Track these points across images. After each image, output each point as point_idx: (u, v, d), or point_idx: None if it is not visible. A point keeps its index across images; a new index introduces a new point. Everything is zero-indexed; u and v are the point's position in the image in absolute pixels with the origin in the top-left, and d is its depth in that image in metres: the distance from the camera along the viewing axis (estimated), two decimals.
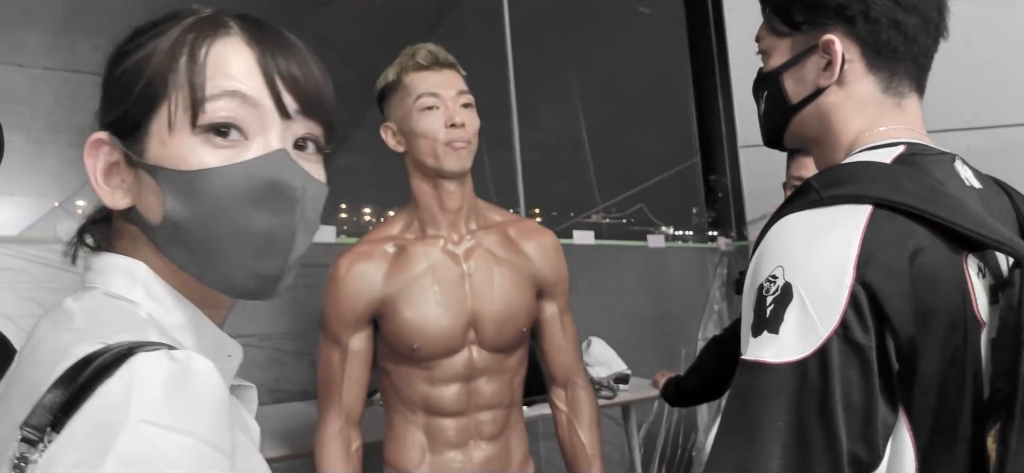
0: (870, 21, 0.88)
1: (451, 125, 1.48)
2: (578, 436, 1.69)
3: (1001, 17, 2.44)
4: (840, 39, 0.90)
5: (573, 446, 1.70)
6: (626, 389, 2.49)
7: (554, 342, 1.66)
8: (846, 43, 0.90)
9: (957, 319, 0.76)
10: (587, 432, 1.68)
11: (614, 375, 2.50)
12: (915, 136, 0.90)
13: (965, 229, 0.77)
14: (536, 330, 1.67)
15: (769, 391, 0.75)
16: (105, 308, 0.65)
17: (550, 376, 1.70)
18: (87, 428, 0.53)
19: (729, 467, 0.76)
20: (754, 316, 0.79)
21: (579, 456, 1.68)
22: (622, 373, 2.52)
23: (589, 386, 1.71)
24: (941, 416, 0.76)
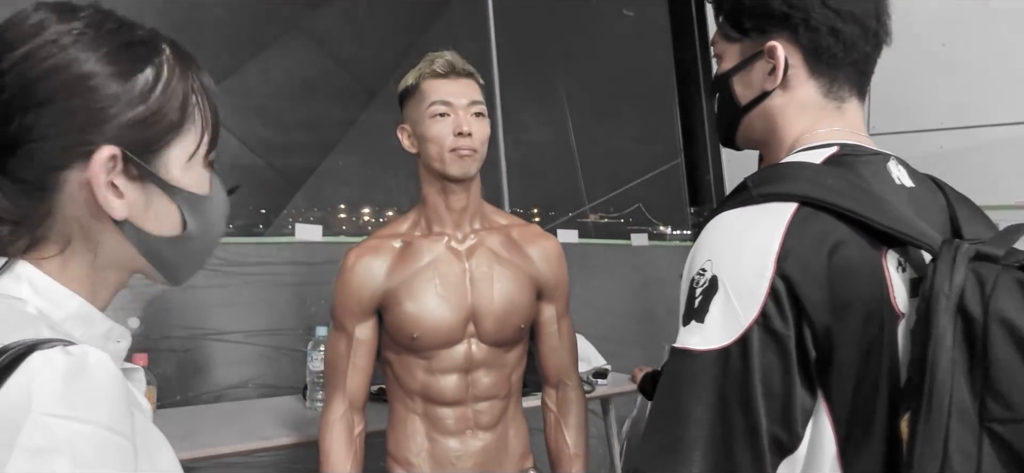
0: (811, 29, 0.93)
1: (459, 133, 1.54)
2: (564, 436, 1.75)
3: (976, 18, 2.49)
4: (783, 45, 0.95)
5: (558, 445, 1.75)
6: (605, 383, 2.55)
7: (550, 344, 1.73)
8: (789, 49, 0.95)
9: (874, 311, 0.80)
10: (573, 433, 1.74)
11: (593, 370, 2.55)
12: (852, 138, 0.95)
13: (882, 226, 0.82)
14: (537, 334, 1.73)
15: (695, 376, 0.80)
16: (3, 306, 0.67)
17: (544, 376, 1.77)
18: None
19: (658, 446, 0.81)
20: (684, 307, 0.84)
21: (562, 455, 1.74)
22: (601, 368, 2.58)
23: (580, 389, 1.77)
24: (859, 402, 0.81)
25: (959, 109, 2.53)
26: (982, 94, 2.49)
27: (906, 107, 2.66)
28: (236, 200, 2.54)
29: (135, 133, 0.71)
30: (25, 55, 0.68)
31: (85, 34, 0.70)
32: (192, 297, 2.35)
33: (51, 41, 0.68)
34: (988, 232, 0.95)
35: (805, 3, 0.93)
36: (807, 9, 0.93)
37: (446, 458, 1.62)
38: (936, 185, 0.99)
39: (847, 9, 0.93)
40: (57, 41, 0.68)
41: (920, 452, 0.74)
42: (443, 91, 1.57)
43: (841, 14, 0.93)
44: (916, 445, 0.75)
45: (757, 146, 1.03)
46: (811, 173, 0.87)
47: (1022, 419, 0.73)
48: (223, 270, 2.43)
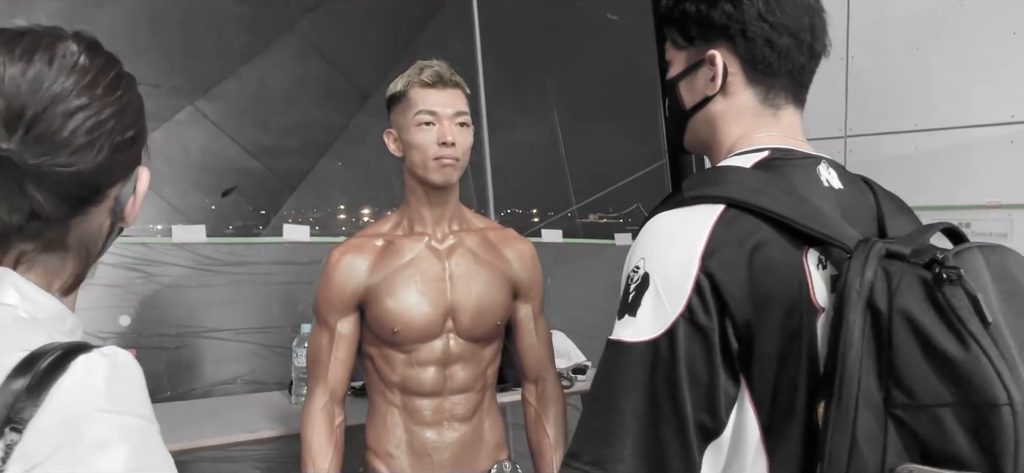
0: (747, 40, 0.99)
1: (442, 143, 1.61)
2: (544, 428, 1.82)
3: (950, 22, 2.54)
4: (723, 54, 1.00)
5: (539, 437, 1.82)
6: (584, 379, 2.60)
7: (528, 341, 1.80)
8: (728, 58, 1.00)
9: (793, 305, 0.85)
10: (553, 426, 1.80)
11: (573, 366, 2.61)
12: (787, 143, 1.00)
13: (802, 226, 0.87)
14: (511, 329, 1.80)
15: (627, 366, 0.85)
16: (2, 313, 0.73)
17: (523, 372, 1.84)
18: (51, 425, 0.63)
19: (592, 432, 0.87)
20: (620, 302, 0.90)
21: (544, 446, 1.81)
22: (581, 364, 2.64)
23: (558, 384, 1.84)
24: (780, 390, 0.86)
25: (933, 110, 2.59)
26: (956, 96, 2.54)
27: (882, 109, 2.71)
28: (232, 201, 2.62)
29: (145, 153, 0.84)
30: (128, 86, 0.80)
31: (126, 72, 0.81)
32: (182, 296, 2.41)
33: (130, 77, 0.81)
34: (912, 229, 1.00)
35: (743, 15, 0.98)
36: (745, 21, 0.98)
37: (424, 449, 1.68)
38: (867, 186, 1.04)
39: (782, 23, 0.98)
40: (130, 78, 0.81)
41: (832, 438, 0.80)
42: (430, 101, 1.63)
43: (776, 27, 0.98)
44: (829, 430, 0.80)
45: (702, 149, 1.07)
46: (738, 176, 0.93)
47: (922, 406, 0.78)
48: (213, 269, 2.49)
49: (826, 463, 0.80)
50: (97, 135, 0.75)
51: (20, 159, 0.71)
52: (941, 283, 0.78)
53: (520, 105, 3.54)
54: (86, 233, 0.80)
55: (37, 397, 0.64)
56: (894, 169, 2.68)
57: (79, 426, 0.64)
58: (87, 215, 0.78)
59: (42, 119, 0.72)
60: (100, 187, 0.78)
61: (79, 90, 0.75)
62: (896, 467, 0.78)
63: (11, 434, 0.63)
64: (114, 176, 0.79)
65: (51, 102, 0.73)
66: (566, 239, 3.23)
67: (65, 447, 0.63)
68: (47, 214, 0.74)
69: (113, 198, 0.80)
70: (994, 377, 0.75)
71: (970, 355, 0.76)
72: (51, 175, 0.73)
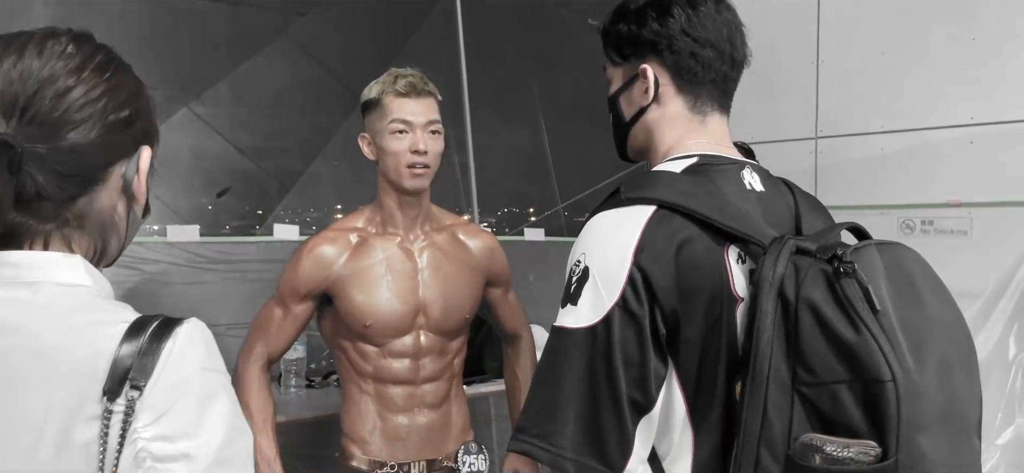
0: (674, 53, 1.10)
1: (415, 151, 1.71)
2: (515, 372, 2.00)
3: (914, 28, 2.64)
4: (654, 67, 1.11)
5: (511, 380, 2.02)
6: None
7: (504, 312, 1.98)
8: (659, 70, 1.11)
9: (715, 296, 0.96)
10: (523, 371, 1.99)
11: None
12: (715, 149, 1.11)
13: (724, 225, 0.98)
14: (490, 309, 1.96)
15: (569, 349, 0.96)
16: (75, 295, 0.81)
17: (505, 336, 2.03)
18: (171, 382, 0.76)
19: (537, 409, 0.97)
20: (563, 292, 1.00)
21: (515, 387, 2.00)
22: None
23: (531, 339, 2.03)
24: (703, 371, 0.97)
25: (898, 113, 2.70)
26: (919, 99, 2.65)
27: (849, 112, 2.82)
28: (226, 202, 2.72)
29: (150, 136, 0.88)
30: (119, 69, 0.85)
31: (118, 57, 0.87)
32: (174, 292, 2.51)
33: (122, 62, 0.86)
34: (824, 226, 1.10)
35: (669, 31, 1.09)
36: (671, 36, 1.10)
37: (396, 434, 1.79)
38: (787, 187, 1.14)
39: (704, 37, 1.10)
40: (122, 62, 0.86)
41: (747, 411, 0.91)
42: (404, 110, 1.72)
43: (699, 41, 1.10)
44: (744, 405, 0.91)
45: (641, 156, 1.18)
46: (668, 180, 1.03)
47: (821, 383, 0.88)
48: (204, 267, 2.59)
49: (742, 433, 0.91)
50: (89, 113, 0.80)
51: (16, 142, 0.76)
52: (839, 276, 0.89)
53: (505, 108, 3.63)
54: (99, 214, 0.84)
55: (152, 359, 0.76)
56: (861, 169, 2.79)
57: (191, 382, 0.77)
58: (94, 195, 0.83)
59: (33, 103, 0.78)
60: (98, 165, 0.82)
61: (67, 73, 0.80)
62: (800, 436, 0.89)
63: (131, 391, 0.75)
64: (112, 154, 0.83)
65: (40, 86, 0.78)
66: (548, 237, 3.34)
67: (183, 398, 0.76)
68: (49, 193, 0.79)
69: (118, 177, 0.84)
70: (881, 358, 0.86)
71: (861, 339, 0.87)
72: (47, 155, 0.78)
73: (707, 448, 1.00)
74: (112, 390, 0.75)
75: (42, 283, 0.80)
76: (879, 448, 0.86)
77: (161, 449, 0.75)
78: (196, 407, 0.77)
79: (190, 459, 0.75)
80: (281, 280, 1.79)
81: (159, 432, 0.75)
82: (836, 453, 0.86)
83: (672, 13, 1.10)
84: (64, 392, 0.75)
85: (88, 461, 0.75)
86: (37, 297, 0.79)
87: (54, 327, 0.78)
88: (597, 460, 0.94)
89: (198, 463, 0.76)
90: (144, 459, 0.75)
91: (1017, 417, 2.35)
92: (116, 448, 0.74)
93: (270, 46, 3.21)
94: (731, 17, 1.13)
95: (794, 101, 2.91)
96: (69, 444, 0.75)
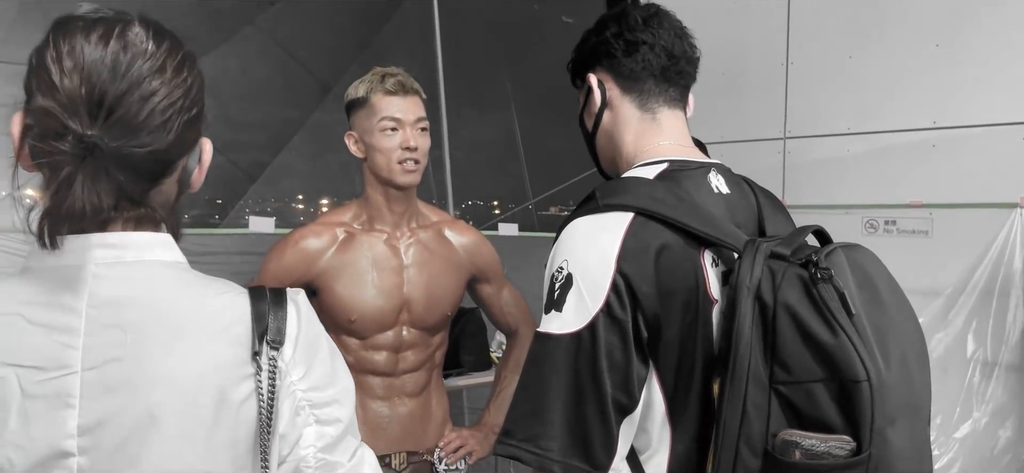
0: (611, 56, 1.18)
1: (406, 148, 1.73)
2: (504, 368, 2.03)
3: (881, 33, 2.71)
4: (599, 75, 1.19)
5: (497, 377, 2.05)
6: None
7: (499, 309, 1.99)
8: (603, 76, 1.19)
9: (692, 298, 1.00)
10: (510, 371, 2.00)
11: None
12: (680, 153, 1.15)
13: (699, 231, 1.02)
14: (484, 305, 1.99)
15: (554, 354, 0.99)
16: (179, 271, 0.87)
17: (505, 331, 2.05)
18: (306, 341, 0.88)
19: (524, 412, 1.00)
20: (546, 298, 1.03)
21: (498, 382, 2.03)
22: None
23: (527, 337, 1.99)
24: (681, 370, 1.01)
25: (865, 116, 2.77)
26: (884, 102, 2.72)
27: (818, 114, 2.89)
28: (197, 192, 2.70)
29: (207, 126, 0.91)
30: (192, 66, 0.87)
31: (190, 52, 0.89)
32: None
33: (193, 56, 0.88)
34: (786, 226, 1.16)
35: (604, 39, 1.18)
36: (607, 43, 1.18)
37: (378, 423, 1.82)
38: (749, 187, 1.19)
39: (638, 37, 1.17)
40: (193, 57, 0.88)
41: (727, 408, 0.94)
42: (393, 108, 1.74)
43: (633, 42, 1.17)
44: (724, 402, 0.95)
45: (612, 165, 1.22)
46: (644, 188, 1.07)
47: (798, 382, 0.92)
48: None
49: (721, 429, 0.95)
50: (169, 115, 0.82)
51: (103, 144, 0.77)
52: (816, 282, 0.93)
53: (479, 103, 3.65)
54: (165, 200, 0.88)
55: (282, 323, 0.87)
56: (828, 169, 2.86)
57: (321, 340, 0.91)
58: (161, 186, 0.87)
59: (121, 104, 0.79)
60: (172, 162, 0.86)
61: (152, 74, 0.81)
62: (778, 432, 0.93)
63: (271, 350, 0.85)
64: (182, 150, 0.87)
65: (128, 88, 0.79)
66: (521, 232, 3.37)
67: (319, 354, 0.90)
68: (130, 193, 0.82)
69: (181, 168, 0.88)
70: (856, 358, 0.90)
71: (838, 341, 0.91)
72: (131, 156, 0.80)
73: (684, 443, 1.03)
74: (257, 351, 0.84)
75: (147, 262, 0.84)
76: (854, 442, 0.90)
77: (317, 397, 0.88)
78: (329, 360, 0.91)
79: (338, 402, 0.90)
80: (263, 269, 1.79)
81: (311, 384, 0.88)
82: (814, 447, 0.90)
83: (607, 26, 1.19)
84: (211, 357, 0.83)
85: (246, 416, 0.83)
86: (151, 273, 0.84)
87: (183, 298, 0.84)
88: (583, 461, 0.97)
89: (345, 404, 0.91)
90: (303, 407, 0.87)
91: (974, 412, 2.44)
92: (270, 401, 0.84)
93: (238, 35, 3.18)
94: (668, 21, 1.19)
95: (764, 102, 2.96)
96: (225, 403, 0.82)
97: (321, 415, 0.88)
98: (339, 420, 0.90)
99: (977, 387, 2.46)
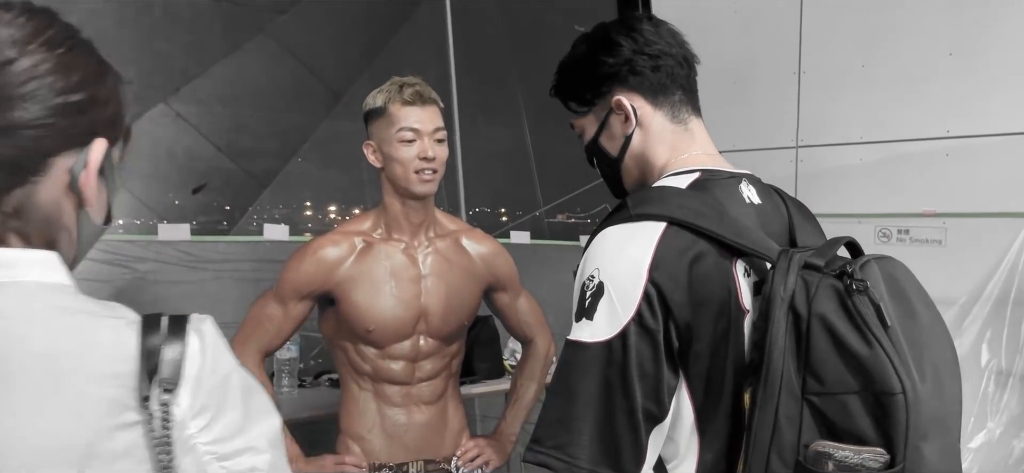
0: (637, 73, 1.14)
1: (424, 158, 1.74)
2: (520, 376, 2.05)
3: (894, 41, 2.71)
4: (625, 95, 1.15)
5: (513, 385, 2.06)
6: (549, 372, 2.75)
7: (515, 318, 2.00)
8: (630, 96, 1.15)
9: (723, 308, 1.00)
10: (526, 380, 2.02)
11: None
12: (710, 162, 1.15)
13: (732, 241, 1.01)
14: (500, 314, 2.01)
15: (585, 363, 0.98)
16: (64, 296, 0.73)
17: (521, 340, 2.07)
18: (212, 383, 0.73)
19: (553, 420, 1.00)
20: (577, 306, 1.02)
21: (514, 391, 2.04)
22: None
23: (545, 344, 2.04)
24: (711, 380, 1.01)
25: (878, 125, 2.77)
26: (897, 111, 2.72)
27: (830, 122, 2.89)
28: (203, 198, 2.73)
29: (110, 130, 0.77)
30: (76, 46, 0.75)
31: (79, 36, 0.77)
32: (165, 291, 2.50)
33: (83, 41, 0.76)
34: (816, 236, 1.16)
35: (624, 57, 1.14)
36: (628, 61, 1.14)
37: (395, 430, 1.83)
38: (780, 197, 1.19)
39: (656, 49, 1.15)
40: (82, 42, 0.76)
41: (758, 418, 0.94)
42: (412, 118, 1.75)
43: (653, 54, 1.14)
44: (755, 412, 0.95)
45: (638, 185, 1.20)
46: (677, 198, 1.07)
47: (831, 393, 0.92)
48: (194, 266, 2.58)
49: (753, 439, 0.95)
50: (32, 89, 0.70)
51: None
52: (851, 293, 0.93)
53: (491, 111, 3.65)
54: (41, 209, 0.74)
55: (180, 360, 0.72)
56: (840, 178, 2.86)
57: (232, 379, 0.76)
58: (34, 187, 0.73)
59: None
60: (39, 151, 0.72)
61: (12, 43, 0.70)
62: (810, 443, 0.93)
63: (164, 395, 0.71)
64: (57, 141, 0.73)
65: None
66: (534, 240, 3.37)
67: (229, 396, 0.75)
68: None
69: (64, 170, 0.74)
70: (891, 370, 0.90)
71: (873, 353, 0.91)
72: None
73: (711, 453, 1.03)
74: (146, 395, 0.70)
75: (22, 283, 0.71)
76: (887, 455, 0.90)
77: (224, 449, 0.74)
78: (241, 402, 0.76)
79: (254, 449, 0.76)
80: (282, 278, 1.80)
81: (217, 435, 0.74)
82: (848, 459, 0.90)
83: (618, 42, 1.14)
84: (91, 401, 0.69)
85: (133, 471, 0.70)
86: (24, 298, 0.71)
87: (58, 330, 0.70)
88: (613, 469, 0.97)
89: (263, 450, 0.76)
90: (209, 463, 0.73)
91: (989, 422, 2.43)
92: (162, 458, 0.71)
93: (250, 43, 3.19)
94: (668, 26, 1.18)
95: (776, 110, 2.97)
96: (95, 457, 0.69)
97: (233, 468, 0.74)
98: (255, 469, 0.75)
99: (991, 397, 2.45)
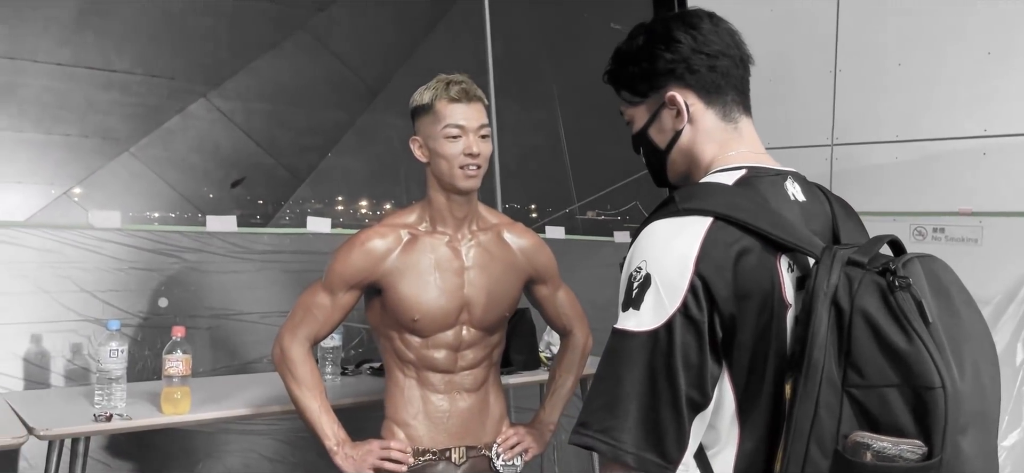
0: (693, 72, 1.17)
1: (469, 154, 1.79)
2: (559, 368, 2.10)
3: (931, 40, 2.71)
4: (679, 92, 1.18)
5: (551, 376, 2.12)
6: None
7: (553, 310, 2.07)
8: (684, 93, 1.18)
9: (767, 302, 1.03)
10: (564, 372, 2.08)
11: None
12: (756, 159, 1.18)
13: (776, 237, 1.05)
14: (539, 306, 2.07)
15: (631, 351, 1.02)
16: None
17: (559, 332, 2.13)
18: None
19: (600, 405, 1.03)
20: (624, 296, 1.06)
21: (552, 382, 2.10)
22: None
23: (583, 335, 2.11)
24: (753, 371, 1.04)
25: (913, 123, 2.77)
26: (934, 110, 2.72)
27: (866, 121, 2.90)
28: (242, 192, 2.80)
29: None
30: None
31: None
32: (212, 281, 2.58)
33: None
34: (858, 233, 1.18)
35: (682, 55, 1.16)
36: (685, 59, 1.16)
37: (437, 416, 1.90)
38: (823, 195, 1.21)
39: (714, 49, 1.17)
40: None
41: (799, 408, 0.97)
42: (457, 115, 1.80)
43: (711, 54, 1.17)
44: (796, 403, 0.98)
45: (683, 178, 1.23)
46: (723, 193, 1.10)
47: (871, 386, 0.95)
48: (240, 257, 2.66)
49: (793, 429, 0.98)
50: None
51: None
52: (894, 290, 0.96)
53: (526, 107, 3.68)
54: None
55: None
56: (876, 176, 2.87)
57: None
58: None
59: None
60: None
61: None
62: (849, 434, 0.96)
63: None
64: None
65: None
66: (568, 236, 3.41)
67: None
68: None
69: None
70: (932, 365, 0.93)
71: (914, 348, 0.94)
72: None
73: (751, 441, 1.06)
74: None
75: None
76: (925, 447, 0.93)
77: None
78: None
79: None
80: (330, 268, 1.86)
81: None
82: (886, 450, 0.93)
83: (678, 38, 1.16)
84: None
85: None
86: None
87: None
88: (656, 454, 1.00)
89: None
90: None
91: (1023, 420, 2.44)
92: None
93: (289, 39, 3.25)
94: (726, 25, 1.20)
95: (811, 108, 2.98)
96: None
97: None
98: None
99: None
